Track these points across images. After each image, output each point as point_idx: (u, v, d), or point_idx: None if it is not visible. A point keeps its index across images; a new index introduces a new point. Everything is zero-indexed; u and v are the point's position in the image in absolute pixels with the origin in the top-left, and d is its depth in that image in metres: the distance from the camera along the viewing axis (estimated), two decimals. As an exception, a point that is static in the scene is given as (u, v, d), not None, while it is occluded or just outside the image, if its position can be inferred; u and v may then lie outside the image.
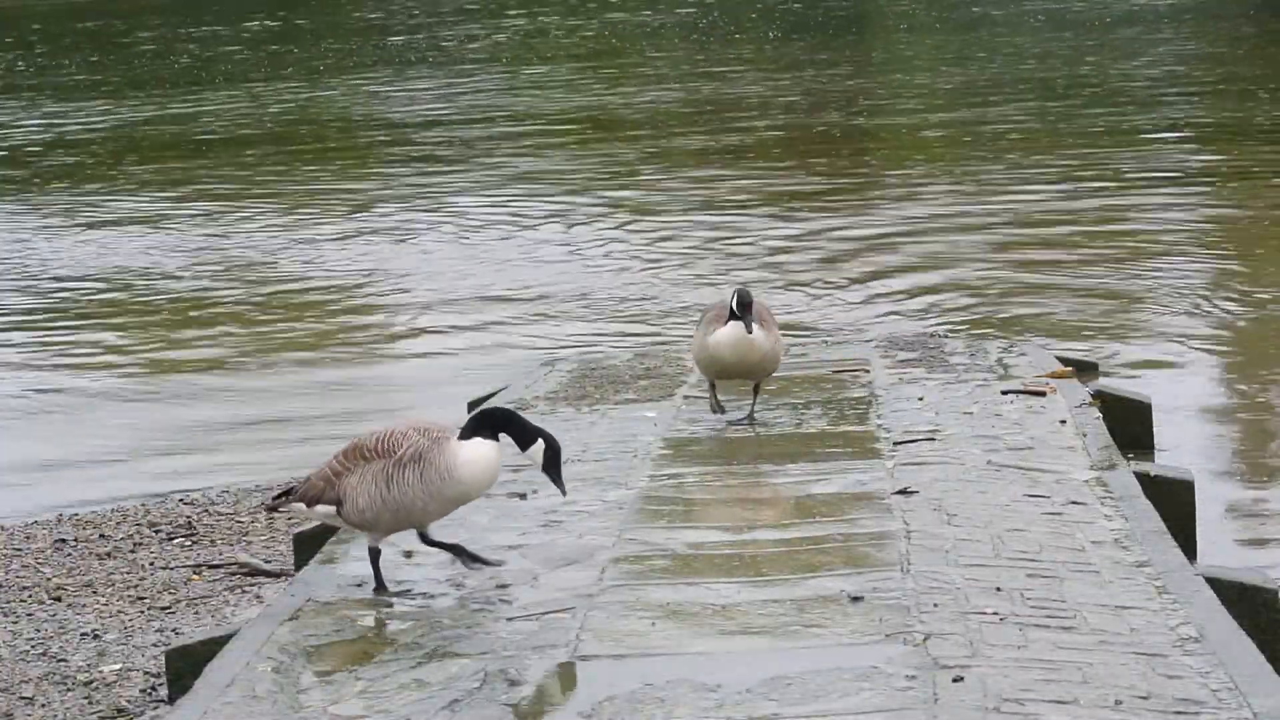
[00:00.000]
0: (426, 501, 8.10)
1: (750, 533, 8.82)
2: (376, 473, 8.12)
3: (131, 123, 37.42)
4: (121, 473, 14.44)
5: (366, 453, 8.20)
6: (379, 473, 8.11)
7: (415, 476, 8.06)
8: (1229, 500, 12.22)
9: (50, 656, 10.09)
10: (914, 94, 36.42)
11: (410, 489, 8.07)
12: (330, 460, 8.33)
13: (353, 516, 8.19)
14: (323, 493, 8.27)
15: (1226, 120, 29.78)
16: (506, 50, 48.25)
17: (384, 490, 8.09)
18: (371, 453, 8.18)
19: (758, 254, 21.25)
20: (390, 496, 8.09)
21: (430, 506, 8.14)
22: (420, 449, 8.10)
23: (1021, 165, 26.34)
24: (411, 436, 8.16)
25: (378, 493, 8.10)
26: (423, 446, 8.10)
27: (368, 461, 8.17)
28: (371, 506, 8.12)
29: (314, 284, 21.04)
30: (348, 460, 8.25)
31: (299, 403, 16.46)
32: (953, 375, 12.18)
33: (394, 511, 8.13)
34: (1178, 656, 6.93)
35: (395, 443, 8.16)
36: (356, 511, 8.16)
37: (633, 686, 6.85)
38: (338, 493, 8.21)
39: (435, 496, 8.09)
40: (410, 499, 8.09)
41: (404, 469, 8.08)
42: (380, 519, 8.15)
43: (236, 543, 12.16)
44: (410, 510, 8.13)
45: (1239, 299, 17.90)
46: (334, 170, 29.89)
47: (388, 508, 8.11)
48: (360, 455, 8.22)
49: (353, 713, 6.86)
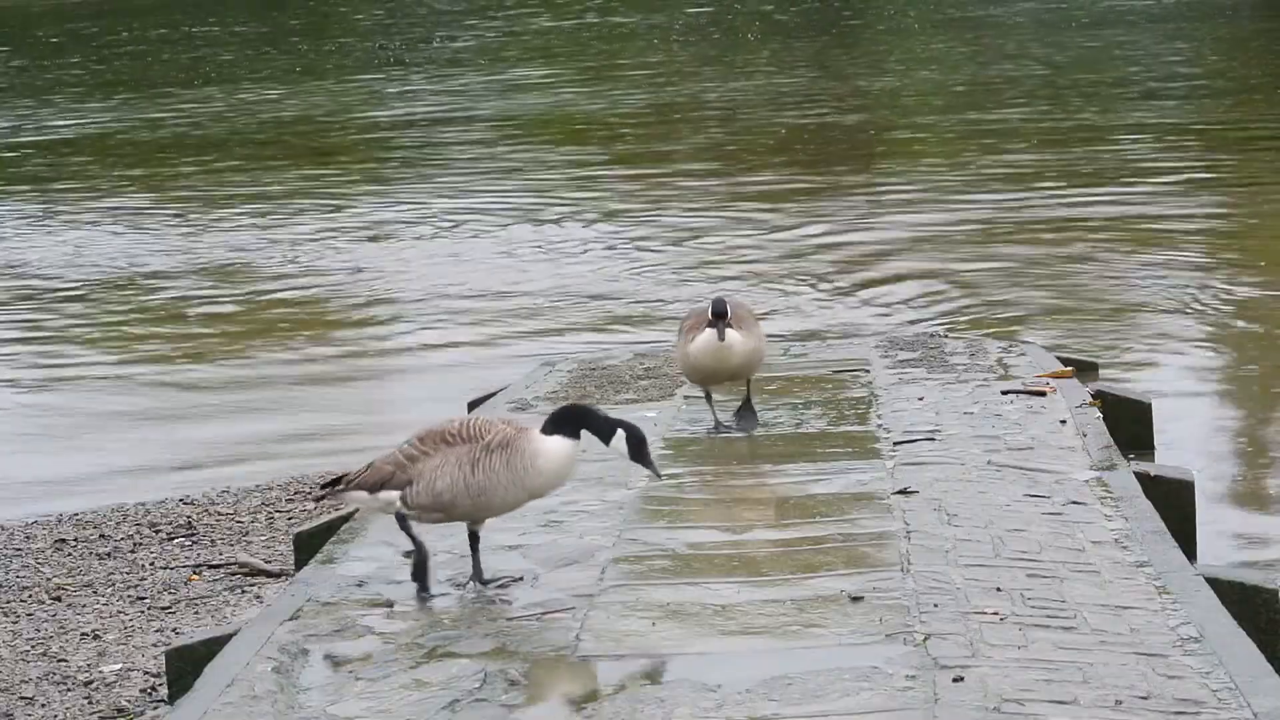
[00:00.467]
0: (507, 489, 8.02)
1: (750, 533, 8.82)
2: (461, 456, 8.02)
3: (117, 123, 37.41)
4: (121, 473, 14.44)
5: (449, 437, 8.10)
6: (464, 456, 8.01)
7: (501, 463, 7.98)
8: (1229, 500, 12.22)
9: (50, 656, 10.09)
10: (913, 94, 36.42)
11: (495, 475, 7.98)
12: (402, 446, 8.20)
13: (423, 498, 8.06)
14: (390, 477, 8.14)
15: (1226, 120, 29.79)
16: (493, 51, 48.24)
17: (468, 474, 7.99)
18: (455, 437, 8.08)
19: (758, 254, 21.25)
20: (474, 481, 7.99)
21: (509, 495, 8.05)
22: (508, 437, 8.02)
23: (1021, 165, 26.34)
24: (498, 424, 8.11)
25: (460, 476, 8.00)
26: (510, 435, 8.03)
27: (450, 446, 8.07)
28: (450, 489, 8.01)
29: (311, 285, 21.04)
30: (425, 445, 8.13)
31: (298, 403, 16.46)
32: (953, 375, 12.18)
33: (474, 497, 8.02)
34: (1178, 656, 6.93)
35: (482, 429, 8.08)
36: (431, 494, 8.04)
37: (633, 686, 6.85)
38: (409, 476, 8.09)
39: (516, 485, 8.01)
40: (493, 485, 8.00)
41: (491, 455, 7.99)
42: (456, 503, 8.04)
43: (236, 543, 12.15)
44: (490, 497, 8.04)
45: (1239, 299, 17.90)
46: (325, 172, 29.87)
47: (469, 492, 8.01)
48: (441, 440, 8.10)
49: (353, 713, 6.86)
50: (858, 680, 6.75)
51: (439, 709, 6.80)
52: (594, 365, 13.40)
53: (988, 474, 9.64)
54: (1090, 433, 10.41)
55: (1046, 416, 10.87)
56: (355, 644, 7.59)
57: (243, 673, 7.33)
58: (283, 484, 13.61)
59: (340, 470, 13.79)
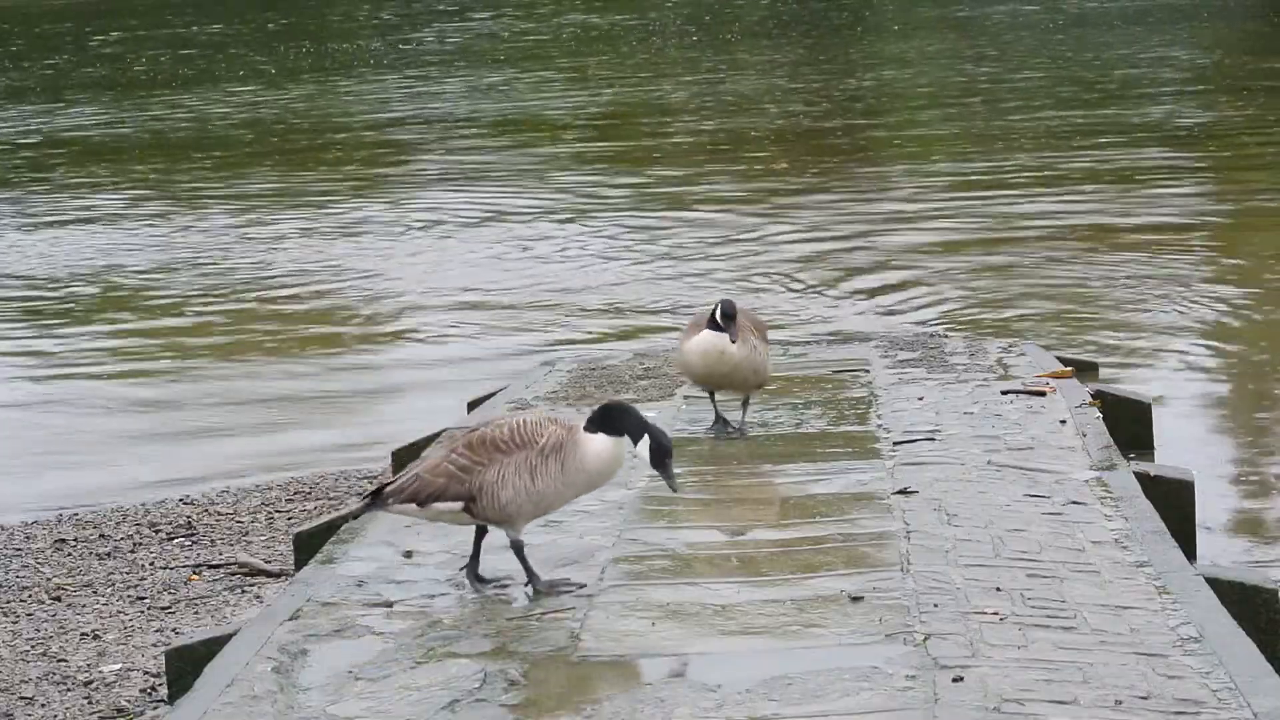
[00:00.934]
0: (562, 491, 7.94)
1: (750, 533, 8.82)
2: (520, 464, 7.91)
3: (109, 123, 37.43)
4: (121, 473, 14.44)
5: (501, 444, 7.96)
6: (522, 464, 7.91)
7: (557, 467, 7.89)
8: (1229, 500, 12.23)
9: (50, 656, 10.09)
10: (913, 94, 36.43)
11: (553, 479, 7.90)
12: (449, 455, 8.04)
13: (490, 512, 7.95)
14: (444, 489, 7.99)
15: (1225, 120, 29.79)
16: (485, 51, 48.25)
17: (529, 483, 7.89)
18: (507, 444, 7.95)
19: (758, 254, 21.25)
20: (535, 490, 7.90)
21: (564, 495, 7.99)
22: (559, 439, 7.92)
23: (1021, 165, 26.34)
24: (546, 425, 7.99)
25: (523, 485, 7.89)
26: (560, 436, 7.93)
27: (504, 454, 7.94)
28: (515, 500, 7.91)
29: (308, 286, 21.03)
30: (477, 454, 7.98)
31: (298, 403, 16.46)
32: (953, 375, 12.18)
33: (535, 503, 7.94)
34: (1178, 656, 6.93)
35: (533, 433, 7.95)
36: (497, 507, 7.93)
37: (633, 686, 6.86)
38: (468, 489, 7.95)
39: (571, 486, 7.94)
40: (551, 489, 7.92)
41: (547, 460, 7.89)
42: (522, 511, 7.95)
43: (236, 543, 12.16)
44: (549, 501, 7.96)
45: (1239, 299, 17.90)
46: (318, 173, 29.87)
47: (530, 499, 7.92)
48: (494, 448, 7.96)
49: (353, 713, 6.86)
50: (858, 680, 6.75)
51: (439, 709, 6.80)
52: (594, 365, 13.40)
53: (988, 474, 9.64)
54: (1090, 433, 10.41)
55: (1046, 416, 10.88)
56: (355, 644, 7.59)
57: (243, 673, 7.33)
58: (283, 484, 13.62)
59: (339, 470, 13.87)
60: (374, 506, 8.19)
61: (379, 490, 8.20)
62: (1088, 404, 11.15)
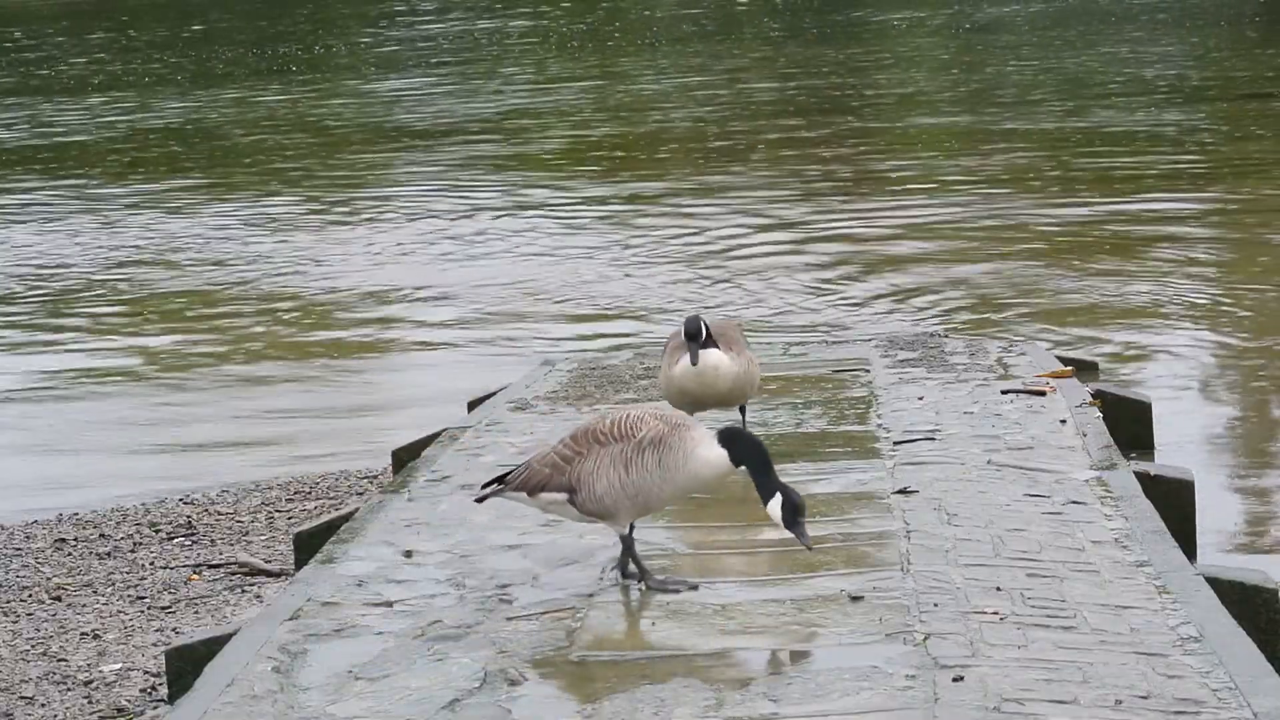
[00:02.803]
0: (661, 487, 7.84)
1: (750, 533, 8.82)
2: (615, 456, 7.84)
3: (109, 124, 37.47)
4: (121, 473, 14.45)
5: (600, 436, 7.90)
6: (617, 457, 7.84)
7: (654, 462, 7.81)
8: (1229, 500, 12.23)
9: (50, 656, 10.09)
10: (913, 95, 36.42)
11: (649, 474, 7.80)
12: (556, 446, 8.03)
13: (589, 504, 7.90)
14: (548, 479, 7.94)
15: (1225, 120, 29.79)
16: (506, 47, 48.28)
17: (622, 474, 7.81)
18: (606, 436, 7.89)
19: (758, 254, 21.25)
20: (629, 481, 7.81)
21: (664, 493, 7.89)
22: (660, 434, 7.83)
23: (1021, 165, 26.35)
24: (649, 421, 7.90)
25: (616, 477, 7.82)
26: (663, 432, 7.83)
27: (602, 445, 7.88)
28: (610, 493, 7.84)
29: (307, 286, 21.05)
30: (578, 444, 7.93)
31: (297, 404, 16.47)
32: (953, 375, 12.18)
33: (632, 498, 7.85)
34: (1178, 656, 6.93)
35: (634, 426, 7.87)
36: (594, 499, 7.87)
37: (633, 686, 6.86)
38: (569, 479, 7.90)
39: (669, 483, 7.84)
40: (649, 484, 7.82)
41: (643, 453, 7.81)
42: (620, 505, 7.88)
43: (236, 543, 12.16)
44: (648, 496, 7.87)
45: (1239, 299, 17.90)
46: (314, 173, 29.87)
47: (626, 493, 7.83)
48: (594, 439, 7.91)
49: (353, 713, 6.86)
50: (858, 680, 6.75)
51: (439, 709, 6.80)
52: (594, 365, 13.40)
53: (988, 474, 9.64)
54: (1090, 432, 10.41)
55: (1046, 416, 10.87)
56: (355, 644, 7.59)
57: (243, 673, 7.32)
58: (283, 484, 13.62)
59: (339, 469, 13.88)
60: (495, 494, 8.14)
61: (501, 477, 8.14)
62: (1088, 404, 11.15)
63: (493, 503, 8.96)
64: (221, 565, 11.61)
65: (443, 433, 11.42)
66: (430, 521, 9.28)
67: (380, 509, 9.61)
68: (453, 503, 9.59)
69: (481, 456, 10.60)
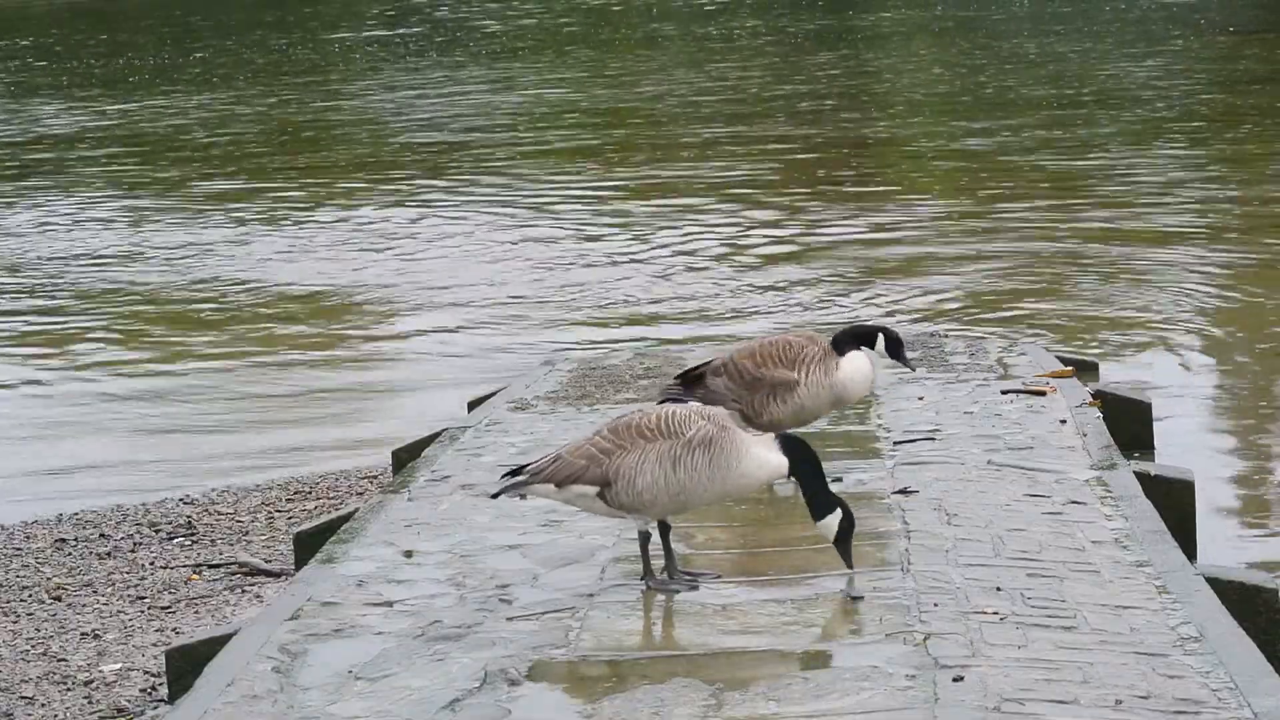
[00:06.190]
0: (706, 488, 7.81)
1: (750, 533, 8.82)
2: (663, 453, 7.80)
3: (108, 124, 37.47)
4: (121, 473, 14.44)
5: (646, 431, 7.85)
6: (665, 453, 7.79)
7: (704, 461, 7.77)
8: (1229, 500, 12.23)
9: (50, 656, 10.09)
10: (913, 96, 36.43)
11: (698, 474, 7.77)
12: (593, 439, 7.97)
13: (624, 497, 7.85)
14: (583, 472, 7.90)
15: (1224, 121, 29.79)
16: (495, 45, 48.28)
17: (669, 471, 7.77)
18: (653, 432, 7.84)
19: (758, 254, 21.25)
20: (675, 479, 7.77)
21: (708, 494, 7.87)
22: (710, 435, 7.79)
23: (1022, 166, 26.35)
24: (696, 419, 7.86)
25: (661, 473, 7.78)
26: (712, 433, 7.80)
27: (648, 440, 7.84)
28: (651, 489, 7.80)
29: (307, 287, 21.03)
30: (619, 438, 7.88)
31: (297, 403, 16.46)
32: (953, 375, 12.18)
33: (674, 495, 7.82)
34: (1178, 656, 6.93)
35: (681, 424, 7.84)
36: (632, 493, 7.82)
37: (633, 686, 6.85)
38: (605, 472, 7.85)
39: (715, 483, 7.81)
40: (695, 483, 7.79)
41: (694, 452, 7.78)
42: (658, 501, 7.85)
43: (236, 543, 12.16)
44: (691, 495, 7.84)
45: (1239, 300, 17.90)
46: (314, 174, 29.85)
47: (669, 490, 7.80)
48: (638, 434, 7.86)
49: (353, 713, 6.86)
50: (858, 680, 6.75)
51: (439, 709, 6.80)
52: (594, 365, 13.40)
53: (988, 474, 9.63)
54: (1090, 432, 10.41)
55: (1046, 416, 10.87)
56: (355, 644, 7.59)
57: (243, 673, 7.32)
58: (283, 484, 13.62)
59: (339, 469, 13.88)
60: (513, 487, 8.09)
61: (517, 470, 8.11)
62: (1088, 404, 11.14)
63: (493, 502, 8.97)
64: (221, 565, 11.61)
65: (443, 433, 11.42)
66: (430, 521, 9.28)
67: (380, 509, 9.61)
68: (453, 503, 9.59)
69: (481, 456, 10.59)
